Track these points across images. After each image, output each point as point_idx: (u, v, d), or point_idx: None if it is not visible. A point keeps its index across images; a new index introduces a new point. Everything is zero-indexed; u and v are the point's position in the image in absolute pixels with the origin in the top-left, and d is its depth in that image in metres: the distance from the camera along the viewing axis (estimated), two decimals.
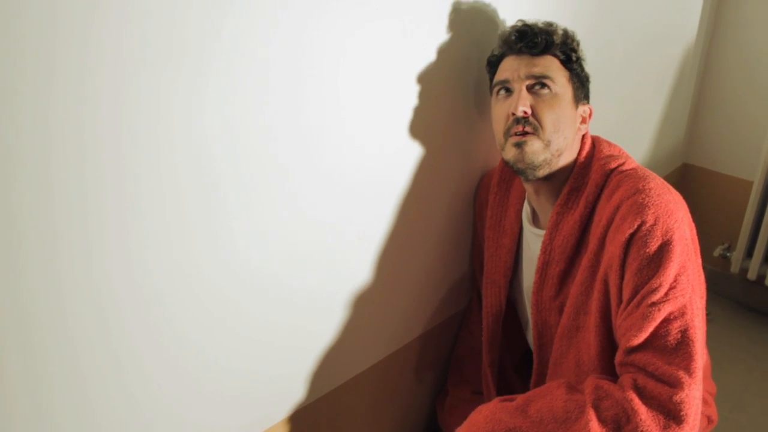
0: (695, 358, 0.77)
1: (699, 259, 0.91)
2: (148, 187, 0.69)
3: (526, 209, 1.08)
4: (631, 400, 0.75)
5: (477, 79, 1.10)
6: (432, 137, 1.05)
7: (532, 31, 0.96)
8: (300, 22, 0.77)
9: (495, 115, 1.00)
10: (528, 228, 1.07)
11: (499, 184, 1.12)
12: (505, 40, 0.99)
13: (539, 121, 0.93)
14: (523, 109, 0.92)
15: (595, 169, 0.96)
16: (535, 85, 0.95)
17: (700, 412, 0.77)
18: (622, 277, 0.85)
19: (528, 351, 1.24)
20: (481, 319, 1.22)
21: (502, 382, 1.21)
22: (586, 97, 1.03)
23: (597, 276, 0.90)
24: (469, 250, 1.27)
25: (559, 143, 0.94)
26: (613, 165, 0.95)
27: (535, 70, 0.95)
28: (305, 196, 0.87)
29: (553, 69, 0.96)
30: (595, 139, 1.03)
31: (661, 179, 0.91)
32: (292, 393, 1.00)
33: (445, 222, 1.17)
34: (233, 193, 0.78)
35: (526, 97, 0.93)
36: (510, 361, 1.23)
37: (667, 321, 0.79)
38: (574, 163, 0.99)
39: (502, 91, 0.98)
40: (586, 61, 1.02)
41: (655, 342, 0.79)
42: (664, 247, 0.82)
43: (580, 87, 1.00)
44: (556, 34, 0.97)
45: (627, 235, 0.84)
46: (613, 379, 0.82)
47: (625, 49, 1.49)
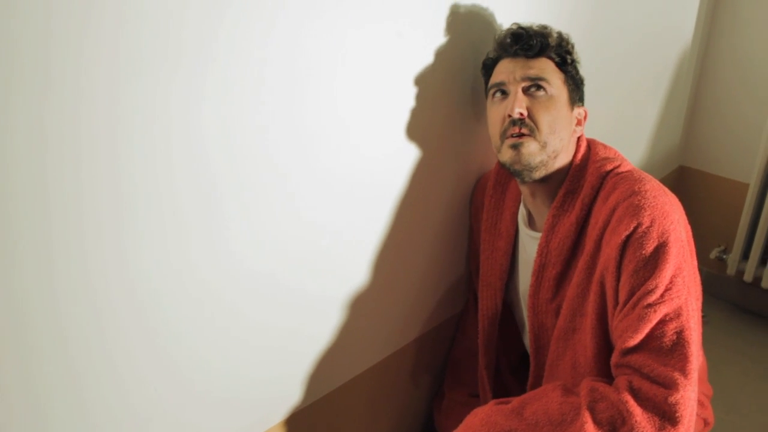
0: (690, 360, 0.77)
1: (695, 261, 0.91)
2: (144, 189, 0.69)
3: (522, 212, 1.08)
4: (627, 402, 0.75)
5: (473, 81, 1.10)
6: (428, 139, 1.05)
7: (527, 33, 0.97)
8: (296, 23, 0.77)
9: (491, 117, 1.00)
10: (524, 230, 1.07)
11: (495, 187, 1.13)
12: (500, 42, 1.00)
13: (535, 123, 0.93)
14: (519, 110, 0.92)
15: (590, 171, 0.96)
16: (531, 87, 0.95)
17: (695, 413, 0.77)
18: (618, 278, 0.85)
19: (524, 353, 1.24)
20: (477, 321, 1.22)
21: (499, 384, 1.21)
22: (581, 100, 1.03)
23: (593, 278, 0.90)
24: (466, 253, 1.27)
25: (555, 145, 0.95)
26: (608, 167, 0.95)
27: (531, 73, 0.95)
28: (301, 198, 0.87)
29: (549, 71, 0.96)
30: (591, 142, 1.03)
31: (657, 181, 0.91)
32: (289, 396, 1.00)
33: (441, 224, 1.17)
34: (229, 195, 0.78)
35: (522, 99, 0.93)
36: (506, 363, 1.23)
37: (662, 322, 0.79)
38: (569, 166, 0.99)
39: (498, 94, 0.98)
40: (580, 64, 1.02)
41: (650, 343, 0.79)
42: (660, 249, 0.82)
43: (575, 89, 1.00)
44: (551, 37, 0.98)
45: (623, 237, 0.84)
46: (609, 381, 0.82)
47: (622, 52, 1.49)
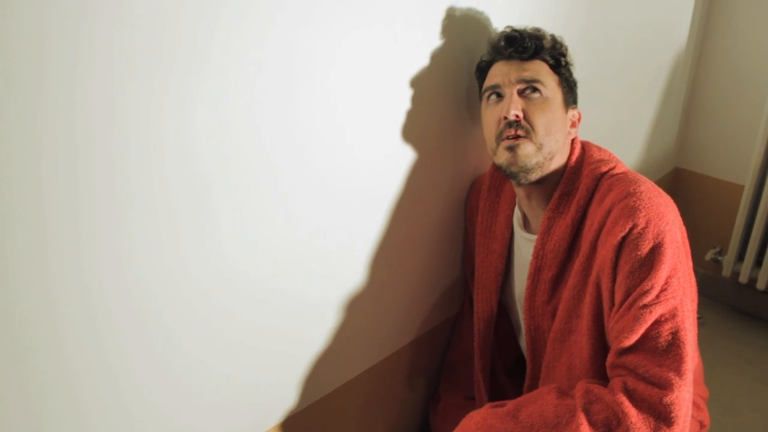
0: (686, 360, 0.77)
1: (690, 262, 0.91)
2: (138, 191, 0.68)
3: (517, 214, 1.08)
4: (622, 403, 0.75)
5: (468, 84, 1.10)
6: (423, 142, 1.05)
7: (522, 36, 0.97)
8: (292, 25, 0.77)
9: (486, 120, 1.00)
10: (519, 233, 1.07)
11: (490, 190, 1.13)
12: (495, 45, 1.00)
13: (531, 125, 0.93)
14: (515, 112, 0.92)
15: (585, 173, 0.97)
16: (526, 90, 0.95)
17: (690, 413, 0.77)
18: (614, 280, 0.85)
19: (520, 356, 1.23)
20: (472, 324, 1.22)
21: (494, 387, 1.21)
22: (575, 102, 1.03)
23: (589, 279, 0.90)
24: (461, 256, 1.27)
25: (550, 146, 0.95)
26: (603, 169, 0.95)
27: (526, 75, 0.95)
28: (296, 200, 0.87)
29: (543, 73, 0.96)
30: (585, 144, 1.03)
31: (652, 183, 0.91)
32: (284, 399, 0.99)
33: (436, 227, 1.17)
34: (224, 196, 0.78)
35: (517, 101, 0.94)
36: (502, 366, 1.23)
37: (658, 323, 0.79)
38: (564, 168, 0.99)
39: (493, 96, 0.98)
40: (574, 66, 1.02)
41: (646, 344, 0.79)
42: (656, 250, 0.82)
43: (569, 91, 1.00)
44: (545, 39, 0.98)
45: (619, 238, 0.84)
46: (604, 383, 0.82)
47: (617, 55, 1.49)
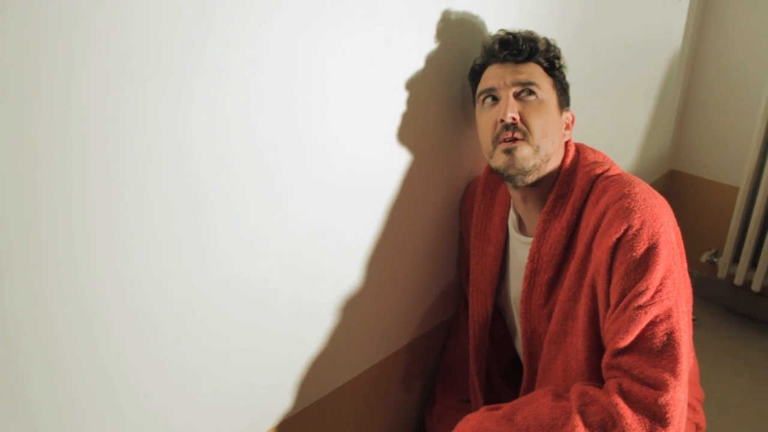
0: (681, 361, 0.77)
1: (685, 263, 0.91)
2: (133, 194, 0.68)
3: (512, 217, 1.08)
4: (617, 405, 0.75)
5: (463, 87, 1.10)
6: (419, 145, 1.05)
7: (516, 39, 0.97)
8: (287, 28, 0.78)
9: (482, 123, 1.00)
10: (514, 235, 1.07)
11: (484, 193, 1.13)
12: (489, 48, 1.00)
13: (528, 127, 0.93)
14: (512, 115, 0.92)
15: (580, 175, 0.97)
16: (522, 92, 0.95)
17: (685, 413, 0.77)
18: (609, 281, 0.85)
19: (516, 358, 1.23)
20: (468, 327, 1.22)
21: (490, 389, 1.21)
22: (568, 104, 1.04)
23: (584, 281, 0.90)
24: (456, 258, 1.27)
25: (547, 148, 0.95)
26: (598, 171, 0.95)
27: (521, 78, 0.95)
28: (292, 203, 0.87)
29: (538, 76, 0.97)
30: (579, 146, 1.03)
31: (646, 184, 0.91)
32: (280, 402, 0.99)
33: (432, 230, 1.17)
34: (219, 200, 0.78)
35: (514, 104, 0.94)
36: (498, 368, 1.23)
37: (653, 324, 0.79)
38: (559, 170, 0.99)
39: (488, 99, 0.98)
40: (567, 69, 1.03)
41: (641, 344, 0.79)
42: (651, 251, 0.82)
43: (563, 93, 1.01)
44: (539, 42, 0.98)
45: (614, 239, 0.84)
46: (600, 385, 0.82)
47: (612, 58, 1.50)
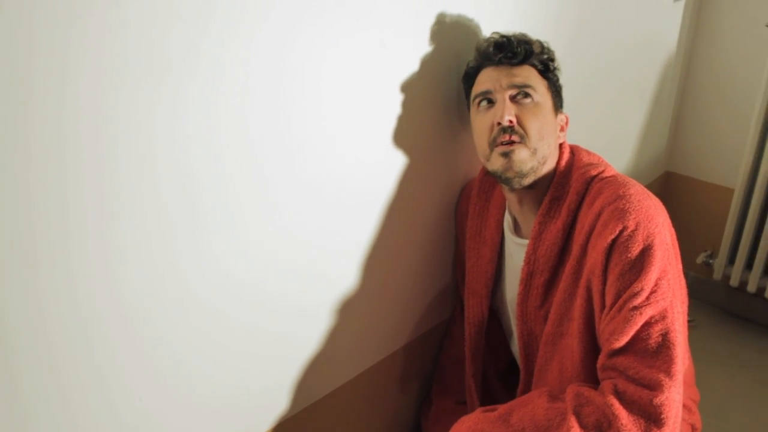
0: (676, 361, 0.77)
1: (679, 264, 0.92)
2: (128, 195, 0.68)
3: (508, 219, 1.08)
4: (612, 405, 0.75)
5: (458, 89, 1.10)
6: (414, 147, 1.05)
7: (511, 41, 0.97)
8: (282, 31, 0.78)
9: (477, 126, 1.00)
10: (510, 238, 1.07)
11: (479, 195, 1.13)
12: (483, 51, 1.00)
13: (525, 130, 0.94)
14: (509, 118, 0.93)
15: (575, 177, 0.97)
16: (518, 95, 0.95)
17: (680, 414, 0.77)
18: (604, 282, 0.85)
19: (512, 360, 1.23)
20: (464, 329, 1.22)
21: (486, 391, 1.21)
22: (562, 106, 1.04)
23: (580, 282, 0.91)
24: (452, 260, 1.27)
25: (543, 150, 0.95)
26: (593, 173, 0.96)
27: (517, 80, 0.95)
28: (287, 206, 0.87)
29: (533, 78, 0.97)
30: (574, 148, 1.03)
31: (641, 185, 0.92)
32: (276, 404, 0.99)
33: (427, 232, 1.17)
34: (214, 201, 0.78)
35: (510, 107, 0.94)
36: (494, 370, 1.23)
37: (648, 324, 0.80)
38: (554, 172, 0.99)
39: (484, 102, 0.98)
40: (561, 71, 1.03)
41: (636, 345, 0.79)
42: (646, 252, 0.82)
43: (557, 95, 1.01)
44: (534, 44, 0.98)
45: (609, 240, 0.84)
46: (595, 386, 0.82)
47: (607, 61, 1.50)
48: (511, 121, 0.93)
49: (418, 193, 1.10)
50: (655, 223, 0.85)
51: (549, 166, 0.98)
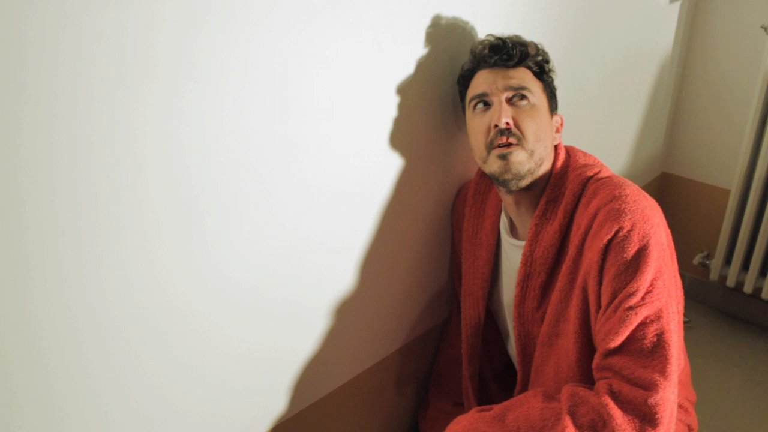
0: (671, 361, 0.77)
1: (675, 265, 0.92)
2: (123, 200, 0.68)
3: (504, 220, 1.09)
4: (607, 405, 0.75)
5: (453, 92, 1.10)
6: (410, 150, 1.05)
7: (506, 44, 0.97)
8: (278, 34, 0.78)
9: (474, 128, 1.00)
10: (506, 239, 1.07)
11: (475, 196, 1.13)
12: (478, 54, 1.00)
13: (522, 132, 0.94)
14: (506, 120, 0.93)
15: (571, 178, 0.97)
16: (514, 97, 0.95)
17: (675, 414, 0.77)
18: (600, 282, 0.85)
19: (508, 361, 1.23)
20: (460, 331, 1.22)
21: (483, 393, 1.21)
22: (557, 108, 1.04)
23: (576, 283, 0.91)
24: (449, 262, 1.27)
25: (540, 152, 0.95)
26: (589, 174, 0.96)
27: (513, 82, 0.96)
28: (283, 208, 0.87)
29: (528, 80, 0.97)
30: (570, 149, 1.03)
31: (637, 186, 0.92)
32: (272, 407, 0.99)
33: (423, 234, 1.17)
34: (210, 205, 0.78)
35: (507, 109, 0.94)
36: (490, 372, 1.23)
37: (643, 325, 0.80)
38: (550, 173, 0.99)
39: (480, 105, 0.98)
40: (555, 73, 1.03)
41: (631, 345, 0.79)
42: (641, 252, 0.83)
43: (552, 97, 1.01)
44: (530, 46, 0.98)
45: (605, 241, 0.84)
46: (590, 386, 0.82)
47: (604, 62, 1.51)
48: (508, 124, 0.93)
49: (414, 195, 1.10)
50: (650, 224, 0.85)
51: (545, 168, 0.99)
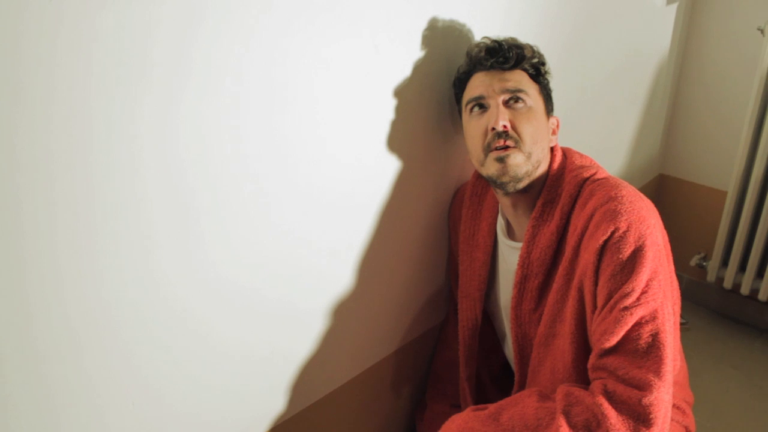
0: (665, 362, 0.78)
1: (671, 265, 0.92)
2: (120, 202, 0.68)
3: (501, 222, 1.09)
4: (601, 405, 0.76)
5: (450, 94, 1.10)
6: (407, 152, 1.05)
7: (502, 46, 0.97)
8: (275, 36, 0.78)
9: (471, 131, 1.00)
10: (503, 241, 1.08)
11: (472, 198, 1.13)
12: (474, 56, 1.00)
13: (519, 135, 0.94)
14: (503, 123, 0.93)
15: (568, 180, 0.97)
16: (510, 100, 0.96)
17: (669, 414, 0.77)
18: (596, 283, 0.85)
19: (505, 363, 1.23)
20: (458, 332, 1.22)
21: (480, 395, 1.21)
22: (553, 109, 1.04)
23: (572, 284, 0.91)
24: (446, 264, 1.27)
25: (537, 154, 0.96)
26: (585, 175, 0.96)
27: (509, 85, 0.96)
28: (280, 210, 0.87)
29: (525, 83, 0.97)
30: (566, 151, 1.04)
31: (633, 187, 0.92)
32: (269, 409, 0.99)
33: (420, 236, 1.17)
34: (207, 207, 0.78)
35: (504, 112, 0.94)
36: (488, 373, 1.23)
37: (638, 325, 0.80)
38: (546, 175, 1.00)
39: (476, 108, 0.98)
40: (551, 75, 1.03)
41: (626, 345, 0.80)
42: (637, 253, 0.83)
43: (548, 99, 1.01)
44: (526, 49, 0.99)
45: (601, 242, 0.85)
46: (586, 386, 0.83)
47: (601, 65, 1.51)
48: (505, 126, 0.93)
49: (411, 196, 1.10)
50: (646, 225, 0.85)
51: (542, 170, 0.99)
